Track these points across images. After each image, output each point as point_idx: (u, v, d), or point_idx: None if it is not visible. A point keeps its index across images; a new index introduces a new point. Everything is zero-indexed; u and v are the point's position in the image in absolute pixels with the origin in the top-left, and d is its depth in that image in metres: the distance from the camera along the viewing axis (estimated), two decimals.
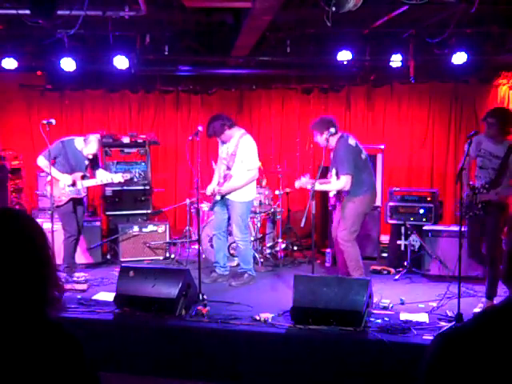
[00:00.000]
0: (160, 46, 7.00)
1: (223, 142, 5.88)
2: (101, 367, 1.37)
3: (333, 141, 5.36)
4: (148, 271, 4.93)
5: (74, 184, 5.91)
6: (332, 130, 5.26)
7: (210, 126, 5.74)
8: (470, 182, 4.97)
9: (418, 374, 1.32)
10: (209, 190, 5.95)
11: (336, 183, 5.30)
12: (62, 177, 5.86)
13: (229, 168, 5.82)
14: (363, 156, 5.41)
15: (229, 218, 5.97)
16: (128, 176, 6.36)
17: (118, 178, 6.23)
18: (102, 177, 6.24)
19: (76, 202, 6.03)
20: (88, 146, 5.95)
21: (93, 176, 6.24)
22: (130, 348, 4.37)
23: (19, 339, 1.29)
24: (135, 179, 6.64)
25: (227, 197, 5.82)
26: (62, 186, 5.88)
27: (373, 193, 5.44)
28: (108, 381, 4.05)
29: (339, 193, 5.41)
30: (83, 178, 6.01)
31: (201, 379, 4.25)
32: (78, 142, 6.00)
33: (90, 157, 6.05)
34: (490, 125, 4.82)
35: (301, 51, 7.16)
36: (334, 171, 5.35)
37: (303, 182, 5.49)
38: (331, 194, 5.63)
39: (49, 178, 5.84)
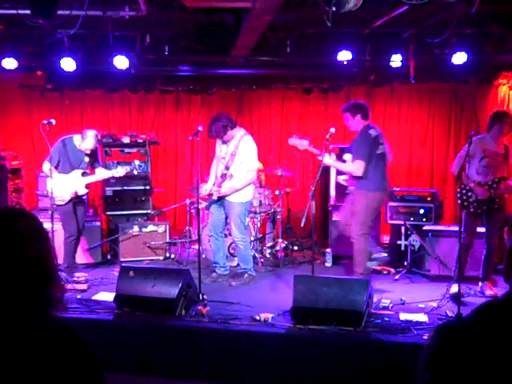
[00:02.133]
0: (160, 46, 7.00)
1: (224, 142, 5.87)
2: (100, 367, 1.38)
3: (359, 126, 5.42)
4: (148, 271, 4.92)
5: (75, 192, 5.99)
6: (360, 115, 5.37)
7: (212, 128, 5.67)
8: (475, 179, 5.23)
9: (417, 365, 1.32)
10: (204, 190, 5.81)
11: (348, 165, 5.36)
12: (66, 185, 5.92)
13: (227, 168, 5.80)
14: (379, 151, 5.37)
15: (226, 218, 5.94)
16: (128, 168, 6.37)
17: (119, 171, 6.23)
18: (103, 173, 6.25)
19: (77, 201, 6.05)
20: (85, 141, 5.97)
21: (93, 173, 6.25)
22: (129, 348, 4.37)
23: (22, 341, 1.29)
24: (135, 171, 6.64)
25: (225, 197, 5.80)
26: (63, 186, 5.90)
27: (385, 190, 5.50)
28: (108, 381, 4.04)
29: (351, 179, 5.44)
30: (83, 174, 6.03)
31: (201, 379, 4.24)
32: (77, 138, 6.05)
33: (88, 152, 6.06)
34: (506, 124, 5.23)
35: (301, 51, 7.16)
36: (349, 156, 5.41)
37: (297, 141, 5.47)
38: (341, 179, 5.65)
39: (48, 179, 5.87)
